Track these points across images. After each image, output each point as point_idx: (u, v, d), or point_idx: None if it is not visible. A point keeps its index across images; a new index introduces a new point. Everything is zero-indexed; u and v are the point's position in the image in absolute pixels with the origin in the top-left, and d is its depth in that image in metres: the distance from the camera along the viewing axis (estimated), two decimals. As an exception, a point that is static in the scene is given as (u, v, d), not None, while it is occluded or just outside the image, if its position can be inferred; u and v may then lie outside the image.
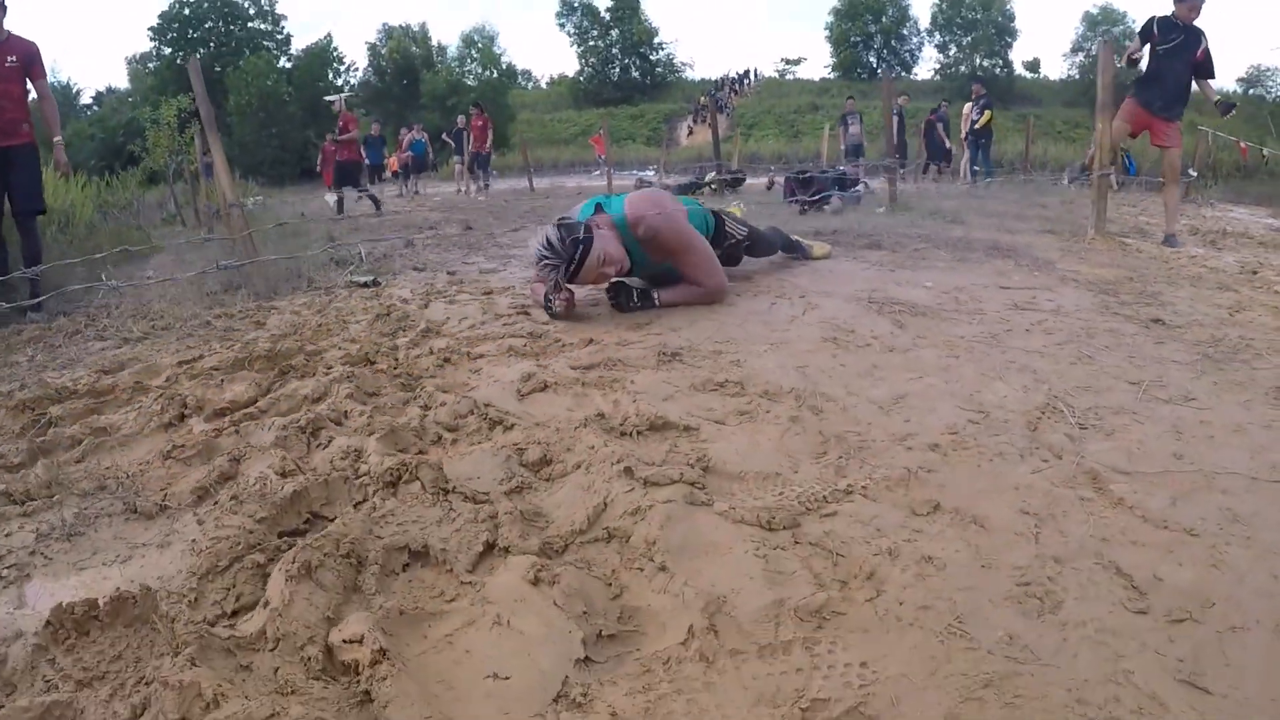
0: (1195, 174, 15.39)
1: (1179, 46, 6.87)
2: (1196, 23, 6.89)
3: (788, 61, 69.77)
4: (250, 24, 55.22)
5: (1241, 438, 2.29)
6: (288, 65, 54.27)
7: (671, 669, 1.33)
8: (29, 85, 5.69)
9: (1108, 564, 1.65)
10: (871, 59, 59.83)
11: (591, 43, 62.87)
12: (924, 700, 1.25)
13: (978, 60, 57.22)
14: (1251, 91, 49.61)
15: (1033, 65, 60.27)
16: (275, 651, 1.37)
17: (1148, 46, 7.11)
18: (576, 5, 62.92)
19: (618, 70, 62.72)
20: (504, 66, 60.32)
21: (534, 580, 1.53)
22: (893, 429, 2.33)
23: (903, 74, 59.69)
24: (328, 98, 13.63)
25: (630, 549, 1.69)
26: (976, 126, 17.30)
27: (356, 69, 58.37)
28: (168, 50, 50.94)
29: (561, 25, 63.68)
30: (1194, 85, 7.16)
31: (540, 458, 2.13)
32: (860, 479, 1.98)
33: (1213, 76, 7.05)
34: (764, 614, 1.44)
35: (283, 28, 56.99)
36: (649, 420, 2.29)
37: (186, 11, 53.04)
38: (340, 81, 54.73)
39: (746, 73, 65.92)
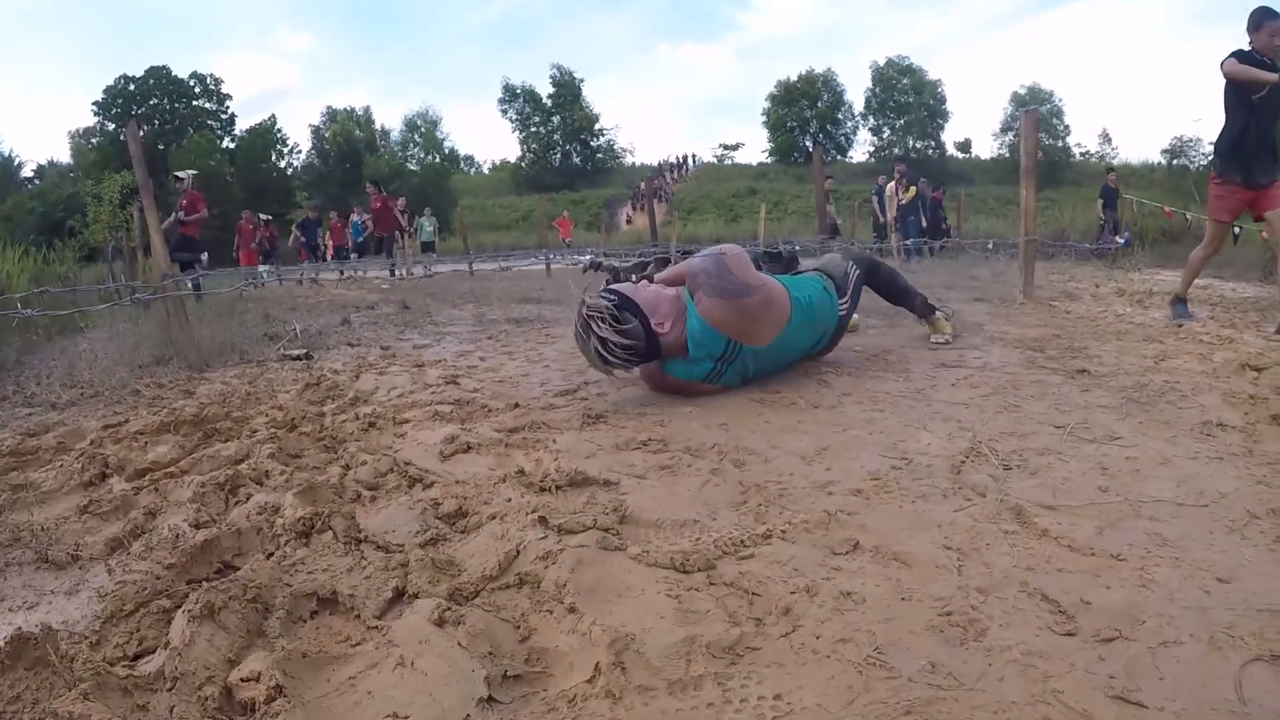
0: (1122, 240, 15.86)
1: (1273, 92, 5.48)
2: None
3: (726, 147, 70.86)
4: (195, 102, 55.28)
5: (1168, 469, 2.36)
6: (231, 145, 54.27)
7: (577, 706, 1.31)
8: None
9: (1033, 591, 1.67)
10: (808, 143, 61.09)
11: (533, 129, 63.89)
12: None
13: (911, 142, 58.61)
14: (1175, 162, 51.19)
15: (964, 145, 61.97)
16: (172, 691, 1.35)
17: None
18: (519, 91, 63.82)
19: (559, 156, 63.69)
20: (446, 151, 60.89)
21: (439, 622, 1.52)
22: (815, 477, 2.35)
23: (838, 157, 61.04)
24: (177, 174, 13.23)
25: (541, 593, 1.68)
26: (902, 202, 17.66)
27: (299, 151, 58.59)
28: (111, 125, 50.81)
29: (504, 111, 64.73)
30: None
31: (456, 510, 2.13)
32: (780, 524, 1.99)
33: None
34: (674, 651, 1.43)
35: (227, 107, 57.12)
36: (569, 476, 2.30)
37: (131, 87, 53.09)
38: (283, 164, 54.83)
39: (685, 158, 67.05)
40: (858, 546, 1.87)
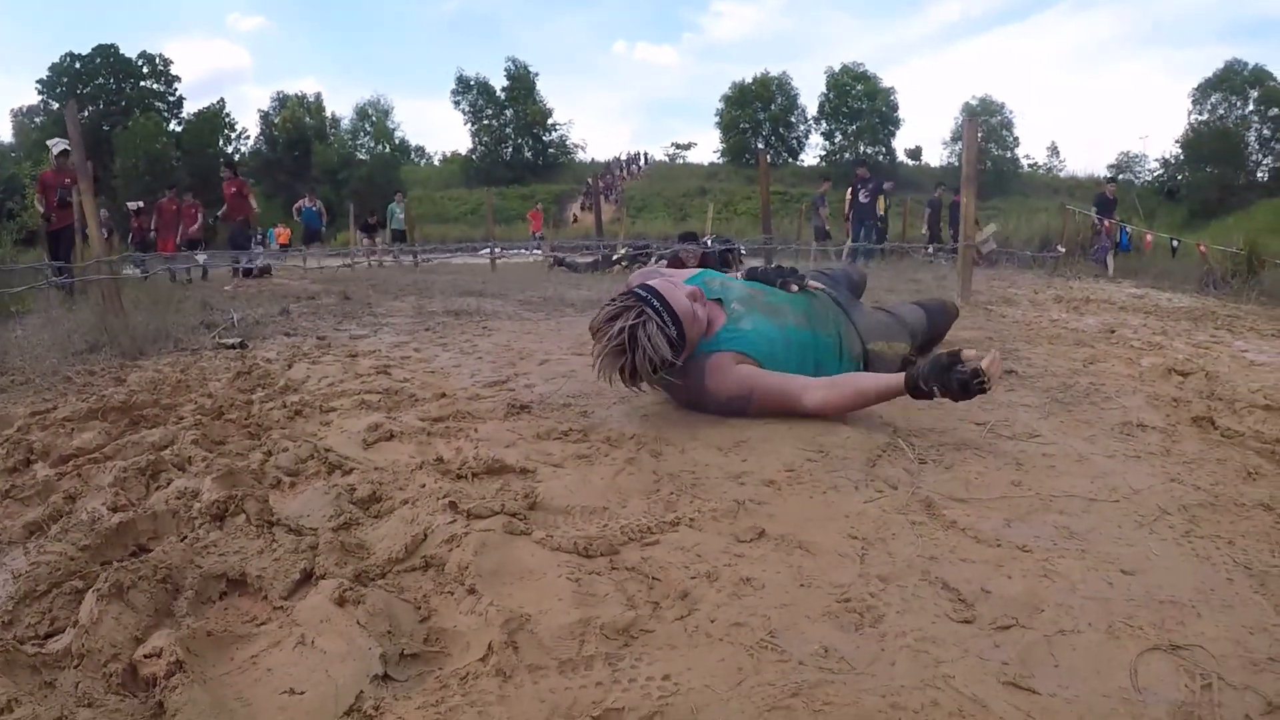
0: (1063, 250, 16.14)
1: None
2: None
3: (678, 146, 70.98)
4: (143, 83, 54.37)
5: (1083, 466, 2.41)
6: (178, 129, 53.48)
7: (467, 684, 1.33)
8: None
9: (934, 580, 1.70)
10: (760, 145, 61.36)
11: (485, 121, 63.33)
12: (727, 709, 1.27)
13: (862, 148, 59.11)
14: (1121, 177, 52.23)
15: (915, 153, 62.62)
16: (79, 667, 1.36)
17: None
18: (472, 83, 63.40)
19: (510, 150, 63.24)
20: (397, 141, 60.40)
21: (339, 601, 1.54)
22: (729, 468, 2.37)
23: (789, 160, 61.37)
24: (50, 142, 11.76)
25: (445, 575, 1.70)
26: (882, 214, 17.77)
27: (248, 137, 57.86)
28: (56, 105, 49.81)
29: (456, 103, 64.12)
30: None
31: (370, 495, 2.14)
32: (689, 512, 2.01)
33: None
34: (569, 632, 1.46)
35: (175, 89, 56.26)
36: (486, 464, 2.31)
37: (78, 66, 52.13)
38: (231, 149, 54.11)
39: (637, 156, 67.05)
40: (763, 535, 1.89)
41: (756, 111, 62.94)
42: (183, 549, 1.81)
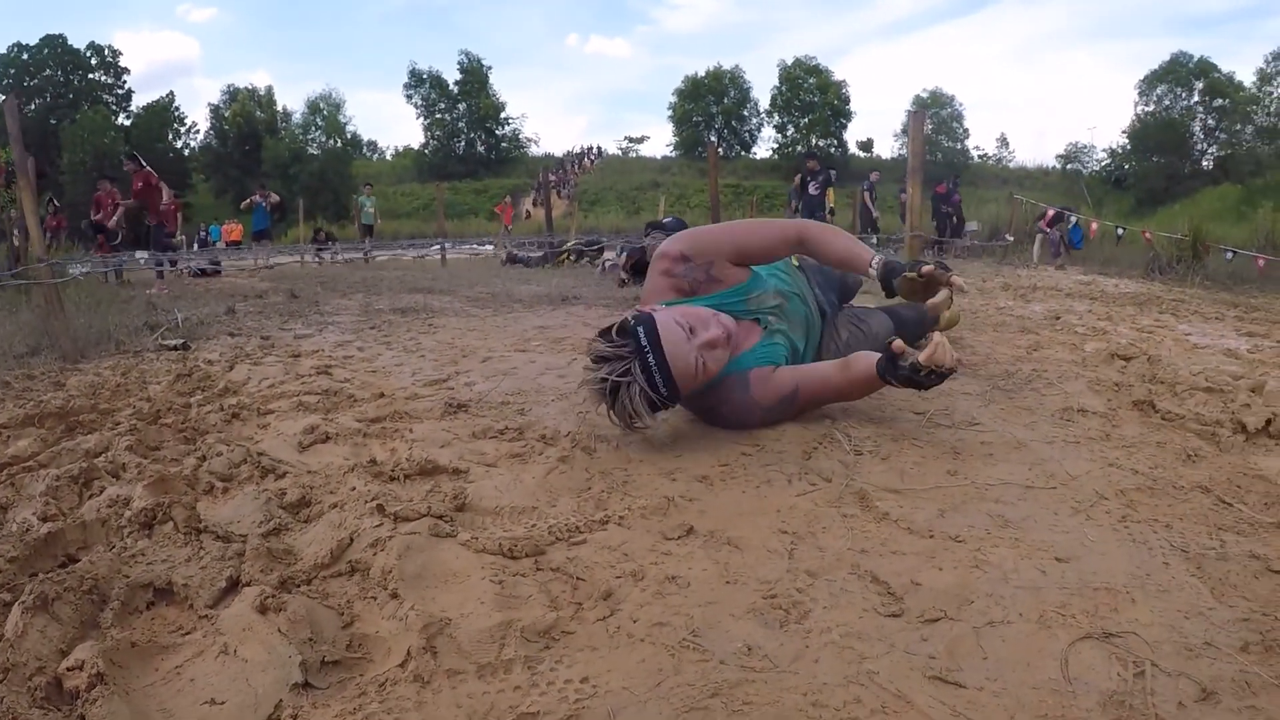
0: (1011, 239, 16.32)
1: None
2: None
3: (631, 140, 71.08)
4: (91, 75, 53.56)
5: (1021, 453, 2.42)
6: (126, 123, 52.74)
7: (385, 691, 1.33)
8: None
9: (863, 573, 1.70)
10: (713, 138, 61.49)
11: (438, 115, 62.96)
12: (644, 711, 1.27)
13: (814, 140, 59.38)
14: (1069, 167, 52.85)
15: (866, 145, 62.95)
16: (3, 682, 1.34)
17: None
18: (425, 77, 63.02)
19: (463, 144, 62.91)
20: (349, 135, 59.87)
21: (261, 609, 1.53)
22: (663, 464, 2.37)
23: (742, 153, 61.57)
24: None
25: (369, 580, 1.69)
26: (830, 207, 17.84)
27: (198, 131, 57.12)
28: (2, 96, 49.04)
29: (409, 97, 63.76)
30: None
31: (299, 499, 2.13)
32: (619, 510, 2.01)
33: None
34: (489, 635, 1.45)
35: (124, 81, 55.47)
36: (419, 465, 2.29)
37: (25, 56, 51.29)
38: (180, 144, 53.44)
39: (590, 149, 66.93)
40: (691, 531, 1.89)
41: (709, 105, 63.19)
42: (110, 559, 1.79)
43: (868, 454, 2.44)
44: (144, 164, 13.87)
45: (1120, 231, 15.61)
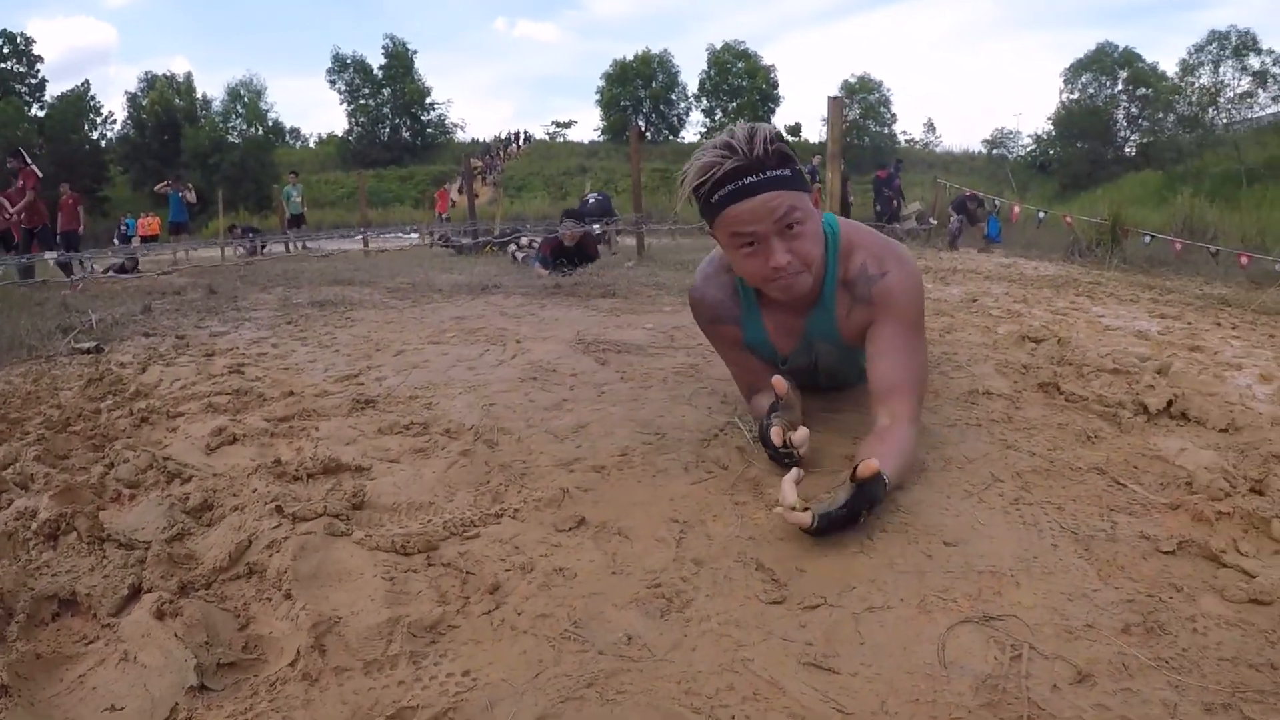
0: (934, 222, 16.55)
1: None
2: None
3: (558, 124, 70.58)
4: (2, 64, 52.10)
5: (921, 436, 2.37)
6: (40, 114, 51.42)
7: (275, 690, 1.36)
8: None
9: (749, 561, 1.72)
10: (640, 123, 61.41)
11: (362, 101, 62.02)
12: (521, 702, 1.30)
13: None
14: (995, 152, 53.62)
15: (794, 130, 63.00)
16: None
17: None
18: (349, 62, 62.01)
19: (388, 130, 62.05)
20: (270, 123, 58.73)
21: (159, 615, 1.54)
22: (563, 455, 2.38)
23: (670, 137, 61.61)
24: None
25: (265, 581, 1.70)
26: None
27: (114, 121, 55.70)
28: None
29: (332, 83, 62.58)
30: None
31: (202, 503, 2.12)
32: (515, 503, 2.03)
33: None
34: (376, 632, 1.48)
35: (37, 70, 53.93)
36: (322, 463, 2.30)
37: (-66, 44, 49.82)
38: (97, 135, 52.22)
39: (518, 135, 66.51)
40: (583, 523, 1.93)
41: (637, 89, 62.95)
42: (15, 572, 1.78)
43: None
44: (29, 161, 13.28)
45: (1041, 215, 15.90)
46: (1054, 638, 1.45)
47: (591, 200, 15.37)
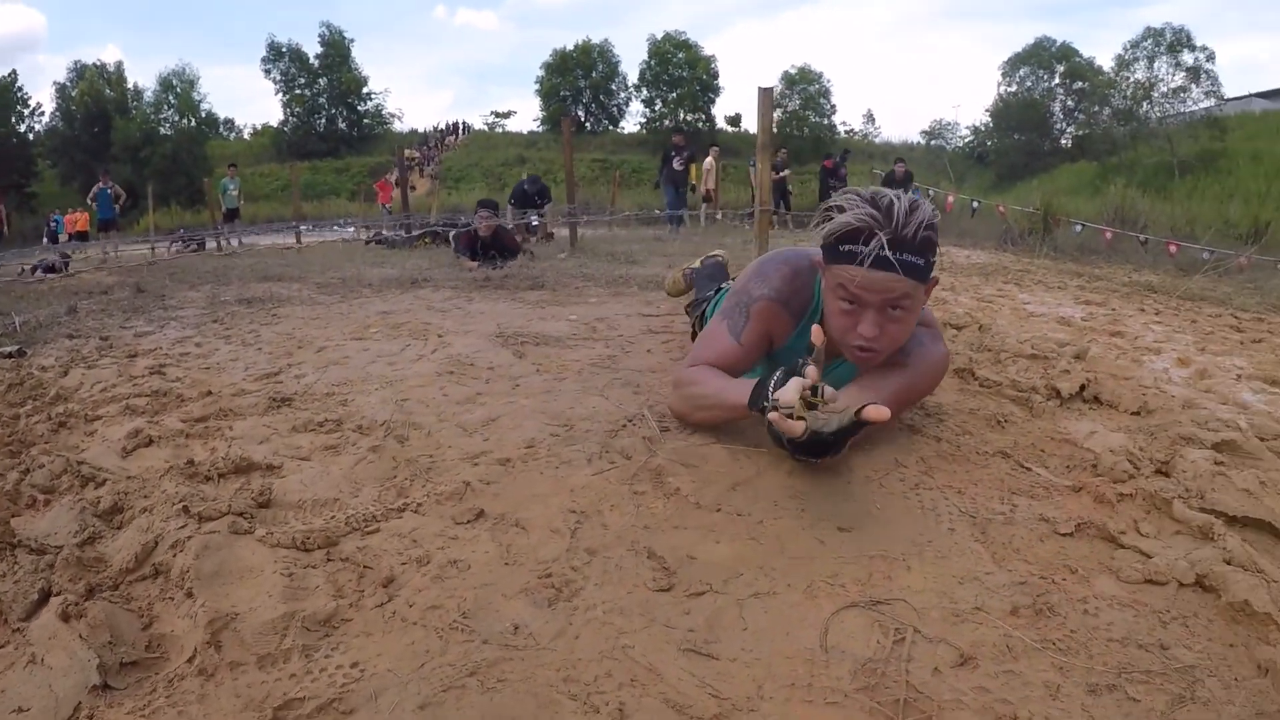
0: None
1: None
2: None
3: (497, 114, 70.01)
4: (-74, 54, 50.82)
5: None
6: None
7: (173, 686, 1.40)
8: None
9: (641, 550, 1.74)
10: (580, 113, 61.22)
11: (298, 91, 60.99)
12: (404, 692, 1.33)
13: (682, 115, 59.55)
14: (933, 143, 54.20)
15: (734, 120, 63.08)
16: None
17: None
18: (284, 50, 60.98)
19: (324, 121, 61.11)
20: (204, 114, 57.61)
21: (64, 617, 1.58)
22: (470, 449, 2.39)
23: (610, 127, 61.46)
24: None
25: (169, 581, 1.73)
26: (693, 183, 18.32)
27: (43, 113, 54.38)
28: None
29: (267, 72, 61.32)
30: None
31: (113, 506, 2.13)
32: (419, 497, 2.05)
33: None
34: (272, 627, 1.51)
35: (-39, 59, 52.68)
36: (234, 463, 2.30)
37: None
38: (24, 127, 51.04)
39: (456, 125, 66.00)
40: (481, 515, 1.95)
41: (577, 79, 62.63)
42: None
43: (672, 430, 2.46)
44: None
45: (975, 205, 16.12)
46: (940, 621, 1.48)
47: (527, 183, 15.46)
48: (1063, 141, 49.68)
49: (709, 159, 20.57)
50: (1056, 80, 49.95)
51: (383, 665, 1.41)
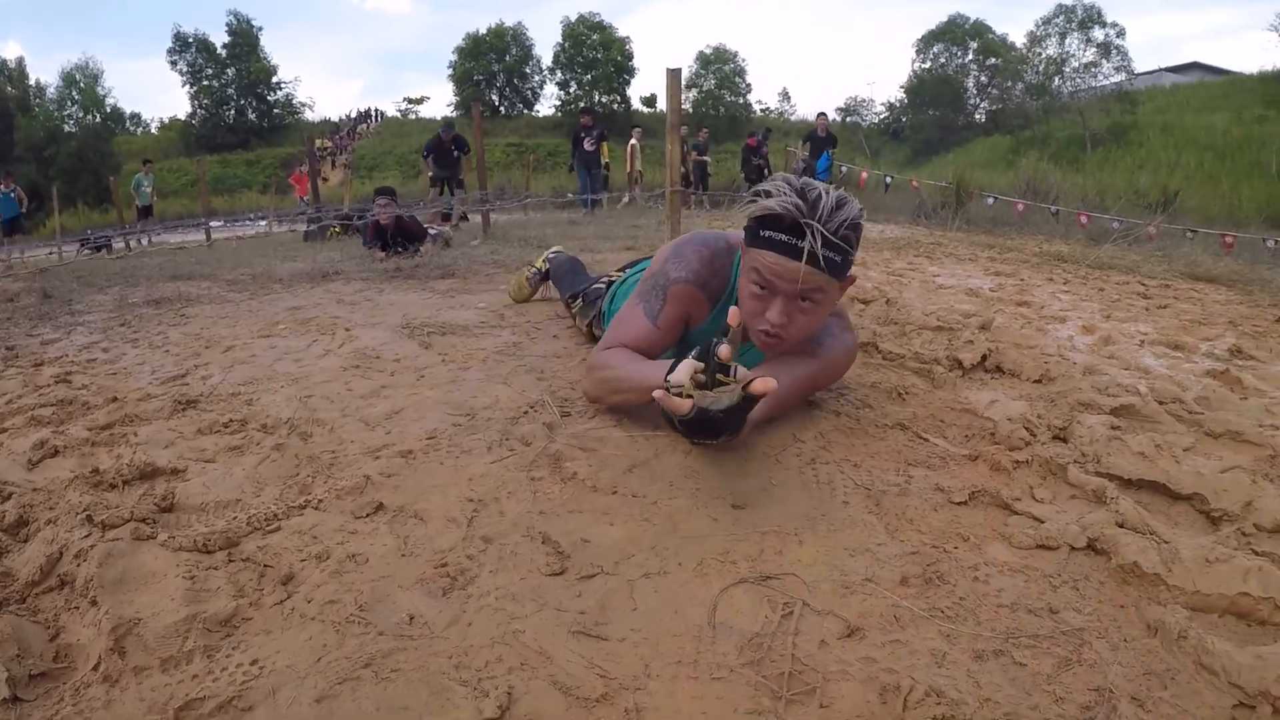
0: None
1: None
2: None
3: (410, 101, 69.20)
4: None
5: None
6: None
7: (79, 694, 1.41)
8: None
9: (536, 535, 1.78)
10: (494, 97, 60.82)
11: (205, 82, 59.67)
12: (302, 686, 1.36)
13: (597, 96, 59.46)
14: (849, 120, 54.76)
15: (649, 101, 63.07)
16: None
17: None
18: (191, 41, 59.62)
19: (233, 112, 59.93)
20: (109, 109, 56.19)
21: None
22: (371, 443, 2.41)
23: (524, 111, 61.14)
24: None
25: (74, 591, 1.73)
26: (606, 162, 18.39)
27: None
28: None
29: (174, 63, 60.00)
30: None
31: (18, 519, 2.10)
32: (320, 493, 2.06)
33: None
34: (174, 630, 1.52)
35: None
36: (139, 469, 2.29)
37: None
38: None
39: (368, 113, 65.19)
40: (380, 508, 1.97)
41: (491, 63, 62.18)
42: None
43: (576, 415, 2.52)
44: None
45: (889, 180, 16.31)
46: (829, 594, 1.53)
47: (443, 131, 16.13)
48: (977, 116, 50.68)
49: (633, 140, 20.72)
50: (970, 57, 50.89)
51: (281, 661, 1.43)
